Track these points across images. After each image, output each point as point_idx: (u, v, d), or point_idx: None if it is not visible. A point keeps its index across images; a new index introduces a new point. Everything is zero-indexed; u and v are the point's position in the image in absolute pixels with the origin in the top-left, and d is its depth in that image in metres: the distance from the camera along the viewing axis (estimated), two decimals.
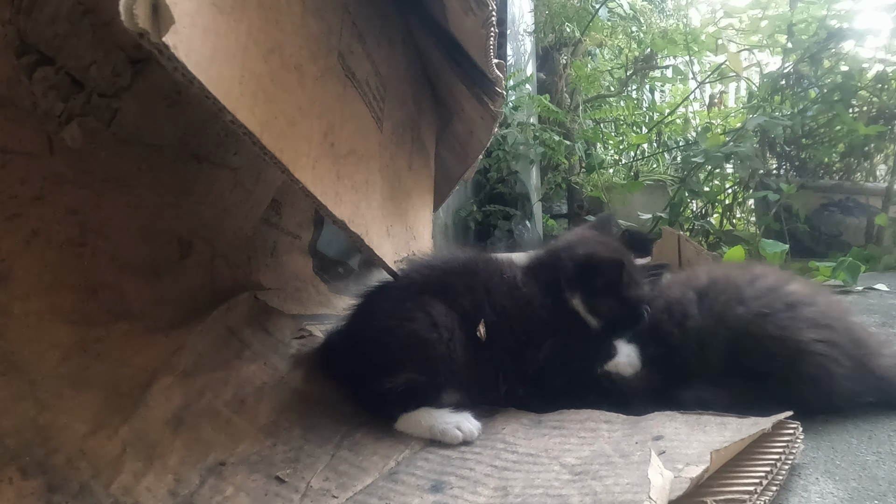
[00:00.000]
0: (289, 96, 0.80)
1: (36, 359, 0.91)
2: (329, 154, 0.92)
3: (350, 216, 0.98)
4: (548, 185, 3.66)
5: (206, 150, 1.25)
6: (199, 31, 0.61)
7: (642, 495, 0.65)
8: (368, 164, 1.09)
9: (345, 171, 0.98)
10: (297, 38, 0.84)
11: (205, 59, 0.62)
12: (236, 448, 0.92)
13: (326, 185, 0.91)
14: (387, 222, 1.19)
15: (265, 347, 1.19)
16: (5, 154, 0.95)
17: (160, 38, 0.55)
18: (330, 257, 1.75)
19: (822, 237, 3.10)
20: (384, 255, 1.13)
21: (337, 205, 0.94)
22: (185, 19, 0.58)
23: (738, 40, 3.69)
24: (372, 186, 1.10)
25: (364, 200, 1.06)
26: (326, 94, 0.92)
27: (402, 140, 1.32)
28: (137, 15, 0.53)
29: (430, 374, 0.96)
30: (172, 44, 0.56)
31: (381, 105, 1.17)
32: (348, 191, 0.99)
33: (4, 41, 0.93)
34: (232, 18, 0.68)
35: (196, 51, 0.60)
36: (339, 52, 0.98)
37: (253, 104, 0.71)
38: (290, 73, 0.81)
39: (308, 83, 0.86)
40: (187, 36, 0.58)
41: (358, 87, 1.05)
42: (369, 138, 1.11)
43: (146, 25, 0.54)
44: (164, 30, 0.55)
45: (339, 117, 0.97)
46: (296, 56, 0.83)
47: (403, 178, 1.32)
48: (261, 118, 0.73)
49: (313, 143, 0.87)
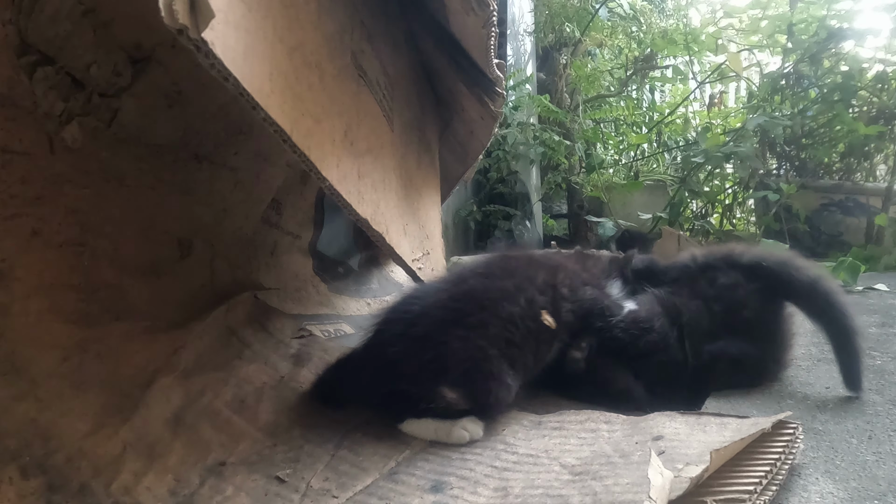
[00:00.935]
0: (312, 94, 0.80)
1: (36, 359, 0.91)
2: (350, 153, 0.92)
3: (372, 214, 0.98)
4: (548, 185, 3.66)
5: (206, 150, 1.25)
6: (232, 27, 0.61)
7: (642, 495, 0.65)
8: (384, 163, 1.09)
9: (364, 170, 0.98)
10: (316, 36, 0.83)
11: (239, 55, 0.62)
12: (236, 448, 0.92)
13: (350, 184, 0.91)
14: (403, 221, 1.19)
15: (265, 347, 1.19)
16: (5, 154, 0.95)
17: (199, 34, 0.55)
18: (330, 257, 1.75)
19: (822, 237, 3.10)
20: (403, 253, 1.13)
21: (360, 203, 0.94)
22: (219, 16, 0.57)
23: (738, 40, 3.69)
24: (388, 185, 1.10)
25: (383, 199, 1.05)
26: (344, 92, 0.92)
27: (410, 139, 1.32)
28: (177, 11, 0.52)
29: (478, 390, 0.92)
30: (210, 40, 0.56)
31: (390, 105, 1.17)
32: (369, 189, 0.99)
33: (5, 41, 0.93)
34: (259, 15, 0.68)
35: (231, 47, 0.60)
36: (352, 52, 0.97)
37: (282, 101, 0.71)
38: (312, 71, 0.81)
39: (328, 81, 0.86)
40: (222, 32, 0.58)
41: (370, 87, 1.05)
42: (383, 137, 1.11)
43: (186, 21, 0.53)
44: (203, 25, 0.55)
45: (356, 116, 0.96)
46: (315, 54, 0.83)
47: (414, 177, 1.32)
48: (290, 116, 0.72)
49: (336, 142, 0.87)
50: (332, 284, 1.69)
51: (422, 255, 1.29)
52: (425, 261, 1.32)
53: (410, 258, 1.19)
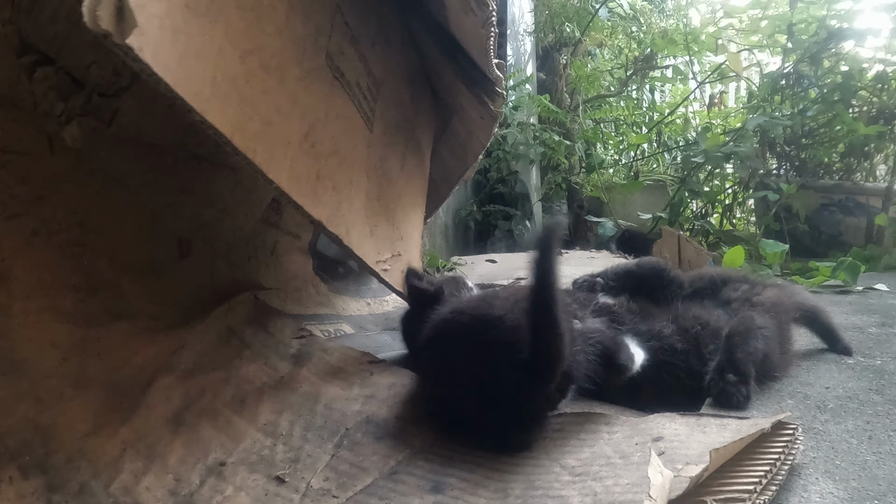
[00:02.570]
0: (266, 97, 0.81)
1: (36, 359, 0.91)
2: (309, 154, 0.92)
3: (328, 216, 0.99)
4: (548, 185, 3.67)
5: (206, 150, 1.25)
6: (169, 32, 0.62)
7: (642, 495, 0.65)
8: (353, 165, 1.09)
9: (326, 172, 0.98)
10: (279, 40, 0.84)
11: (173, 60, 0.62)
12: (236, 448, 0.92)
13: (304, 186, 0.91)
14: (371, 222, 1.19)
15: (265, 347, 1.19)
16: (5, 154, 0.95)
17: (123, 40, 0.56)
18: (330, 257, 1.75)
19: (822, 237, 3.10)
20: (364, 254, 1.14)
21: (314, 205, 0.94)
22: (154, 21, 0.58)
23: (738, 40, 3.69)
24: (356, 186, 1.10)
25: (346, 201, 1.06)
26: (310, 94, 0.93)
27: (394, 141, 1.32)
28: (100, 16, 0.53)
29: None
30: (137, 45, 0.57)
31: (371, 106, 1.17)
32: (328, 191, 0.99)
33: (5, 41, 0.93)
34: (207, 20, 0.68)
35: (164, 52, 0.61)
36: (327, 53, 0.98)
37: (225, 105, 0.72)
38: (270, 75, 0.81)
39: (290, 84, 0.87)
40: (155, 37, 0.59)
41: (347, 88, 1.05)
42: (356, 139, 1.11)
43: (109, 27, 0.54)
44: (128, 32, 0.56)
45: (324, 118, 0.97)
46: (277, 57, 0.83)
47: (394, 179, 1.32)
48: (233, 119, 0.73)
49: (292, 144, 0.88)
50: (332, 284, 1.69)
51: (390, 256, 1.29)
52: (394, 262, 1.32)
53: (375, 259, 1.19)
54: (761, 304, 1.10)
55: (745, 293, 1.15)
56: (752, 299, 1.12)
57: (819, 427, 0.90)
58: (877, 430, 0.88)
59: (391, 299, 1.82)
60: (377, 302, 1.80)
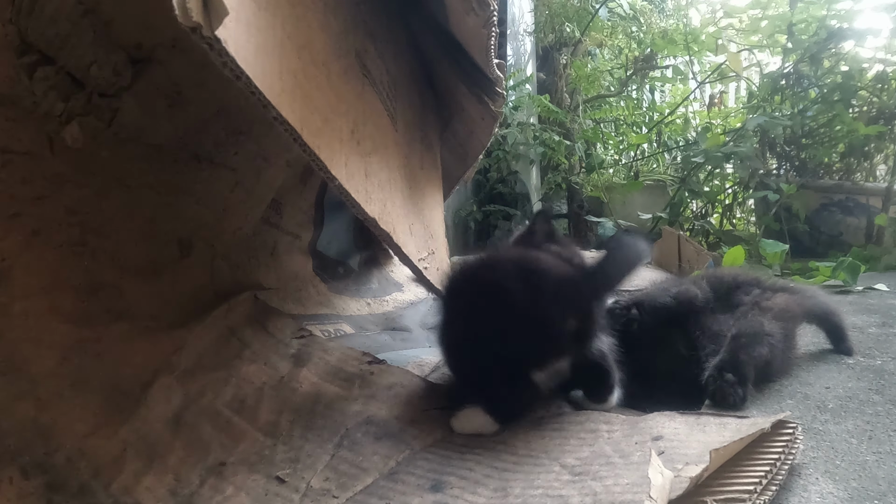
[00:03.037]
0: (320, 93, 0.80)
1: (36, 359, 0.91)
2: (357, 152, 0.92)
3: (380, 214, 0.98)
4: (548, 185, 3.66)
5: (206, 150, 1.25)
6: (244, 25, 0.61)
7: (642, 495, 0.65)
8: (389, 163, 1.09)
9: (371, 170, 0.97)
10: (322, 35, 0.83)
11: (250, 54, 0.62)
12: (236, 448, 0.92)
13: (357, 183, 0.90)
14: (408, 220, 1.18)
15: (265, 347, 1.19)
16: (5, 154, 0.95)
17: (213, 32, 0.55)
18: (330, 257, 1.75)
19: (822, 237, 3.09)
20: (410, 253, 1.13)
21: (368, 202, 0.93)
22: (231, 14, 0.57)
23: (738, 40, 3.69)
24: (394, 185, 1.10)
25: (389, 199, 1.05)
26: (349, 91, 0.92)
27: (413, 139, 1.32)
28: (191, 9, 0.52)
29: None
30: (224, 38, 0.56)
31: (393, 104, 1.17)
32: (375, 189, 0.99)
33: (5, 41, 0.93)
34: (268, 13, 0.68)
35: (242, 46, 0.60)
36: (356, 51, 0.97)
37: (292, 100, 0.71)
38: (319, 70, 0.81)
39: (334, 80, 0.86)
40: (234, 30, 0.58)
41: (374, 86, 1.05)
42: (387, 137, 1.11)
43: (199, 19, 0.53)
44: (217, 23, 0.55)
45: (362, 115, 0.96)
46: (322, 53, 0.83)
47: (417, 177, 1.32)
48: (300, 115, 0.72)
49: (343, 141, 0.87)
50: (332, 284, 1.69)
51: (427, 254, 1.29)
52: (430, 260, 1.32)
53: (417, 257, 1.19)
54: (770, 309, 1.11)
55: (756, 297, 1.15)
56: (761, 304, 1.13)
57: (819, 427, 0.90)
58: (877, 430, 0.88)
59: (391, 299, 1.82)
60: (377, 302, 1.80)
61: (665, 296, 1.15)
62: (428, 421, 0.98)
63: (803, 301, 1.17)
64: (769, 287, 1.20)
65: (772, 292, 1.17)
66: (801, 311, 1.16)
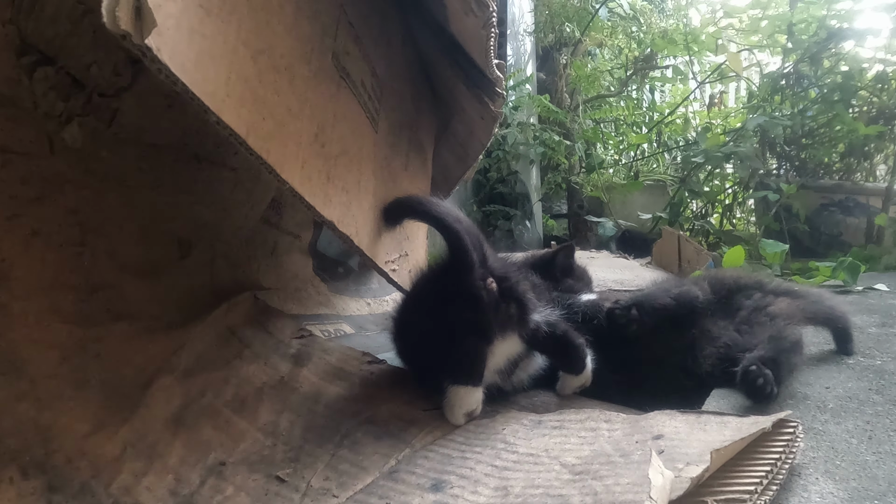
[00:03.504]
0: (278, 98, 0.81)
1: (36, 359, 0.91)
2: (319, 155, 0.92)
3: (339, 217, 0.99)
4: (548, 185, 3.67)
5: (206, 150, 1.25)
6: (185, 32, 0.62)
7: (643, 495, 0.65)
8: (361, 165, 1.09)
9: (336, 173, 0.98)
10: (289, 40, 0.84)
11: (189, 60, 0.62)
12: (236, 448, 0.92)
13: (315, 186, 0.91)
14: (379, 223, 1.19)
15: (265, 347, 1.19)
16: (5, 154, 0.95)
17: (143, 41, 0.56)
18: (330, 257, 1.75)
19: (822, 237, 3.09)
20: (374, 255, 1.14)
21: (326, 206, 0.94)
22: (170, 21, 0.58)
23: (738, 40, 3.69)
24: (364, 187, 1.11)
25: (355, 201, 1.06)
26: (318, 94, 0.93)
27: (398, 141, 1.32)
28: (120, 17, 0.54)
29: None
30: (155, 46, 0.57)
31: (376, 106, 1.17)
32: (339, 192, 0.99)
33: (5, 41, 0.93)
34: (220, 20, 0.68)
35: (181, 52, 0.61)
36: (333, 53, 0.98)
37: (240, 106, 0.72)
38: (280, 75, 0.81)
39: (299, 84, 0.87)
40: (172, 38, 0.59)
41: (352, 88, 1.05)
42: (363, 139, 1.11)
43: (128, 27, 0.54)
44: (147, 32, 0.56)
45: (332, 118, 0.97)
46: (287, 57, 0.83)
47: (399, 179, 1.32)
48: (247, 119, 0.73)
49: (302, 144, 0.88)
50: (332, 284, 1.69)
51: (398, 256, 1.30)
52: (402, 262, 1.32)
53: (383, 259, 1.19)
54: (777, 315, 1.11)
55: (757, 301, 1.15)
56: (765, 309, 1.13)
57: (819, 427, 0.90)
58: (877, 430, 0.88)
59: (391, 299, 1.82)
60: (377, 302, 1.80)
61: (665, 297, 1.15)
62: (428, 420, 0.98)
63: (807, 306, 1.17)
64: (771, 290, 1.20)
65: (774, 296, 1.17)
66: (804, 316, 1.16)
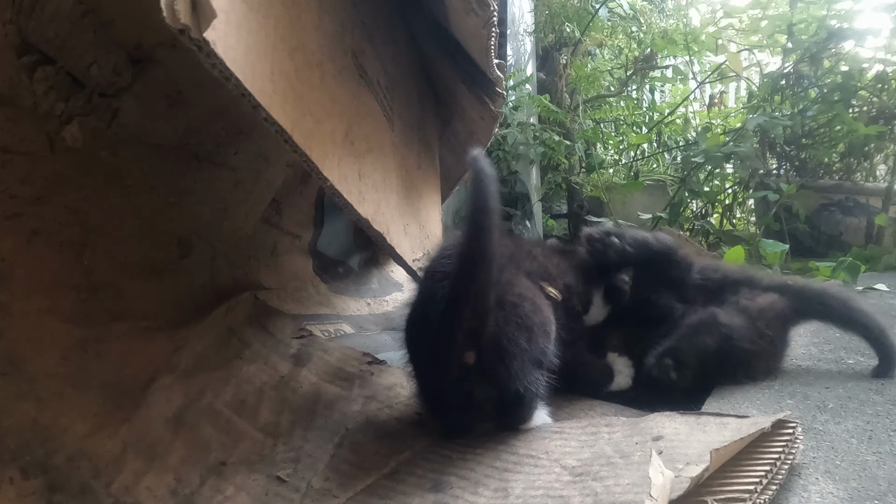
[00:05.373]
0: (313, 94, 0.80)
1: (36, 359, 0.91)
2: (350, 153, 0.92)
3: (373, 215, 0.98)
4: (548, 185, 3.66)
5: (206, 150, 1.25)
6: (234, 27, 0.61)
7: (643, 495, 0.65)
8: (384, 163, 1.09)
9: (365, 170, 0.98)
10: (317, 36, 0.83)
11: (240, 55, 0.61)
12: (237, 448, 0.92)
13: (350, 184, 0.91)
14: (403, 221, 1.19)
15: (265, 347, 1.19)
16: (5, 154, 0.95)
17: (201, 35, 0.55)
18: (330, 257, 1.75)
19: (822, 237, 3.09)
20: (404, 253, 1.14)
21: (361, 203, 0.94)
22: (221, 16, 0.57)
23: (738, 40, 3.69)
24: (389, 185, 1.10)
25: (383, 199, 1.06)
26: (344, 92, 0.92)
27: (410, 139, 1.32)
28: (179, 10, 0.52)
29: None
30: (212, 40, 0.56)
31: (390, 104, 1.17)
32: (370, 189, 0.99)
33: (5, 41, 0.93)
34: (260, 15, 0.68)
35: (232, 47, 0.60)
36: (352, 51, 0.97)
37: (283, 102, 0.71)
38: (313, 71, 0.81)
39: (329, 81, 0.86)
40: (223, 32, 0.58)
41: (370, 87, 1.05)
42: (383, 137, 1.11)
43: (187, 21, 0.53)
44: (205, 25, 0.55)
45: (356, 116, 0.96)
46: (316, 54, 0.83)
47: (414, 178, 1.32)
48: (291, 116, 0.72)
49: (336, 142, 0.87)
50: (332, 284, 1.69)
51: (422, 255, 1.30)
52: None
53: (411, 258, 1.19)
54: (748, 308, 1.11)
55: (742, 296, 1.15)
56: (740, 302, 1.13)
57: (819, 427, 0.90)
58: (877, 430, 0.88)
59: (391, 299, 1.82)
60: (377, 302, 1.80)
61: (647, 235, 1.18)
62: (428, 421, 0.98)
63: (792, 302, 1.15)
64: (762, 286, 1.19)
65: (761, 291, 1.16)
66: (791, 311, 1.14)
